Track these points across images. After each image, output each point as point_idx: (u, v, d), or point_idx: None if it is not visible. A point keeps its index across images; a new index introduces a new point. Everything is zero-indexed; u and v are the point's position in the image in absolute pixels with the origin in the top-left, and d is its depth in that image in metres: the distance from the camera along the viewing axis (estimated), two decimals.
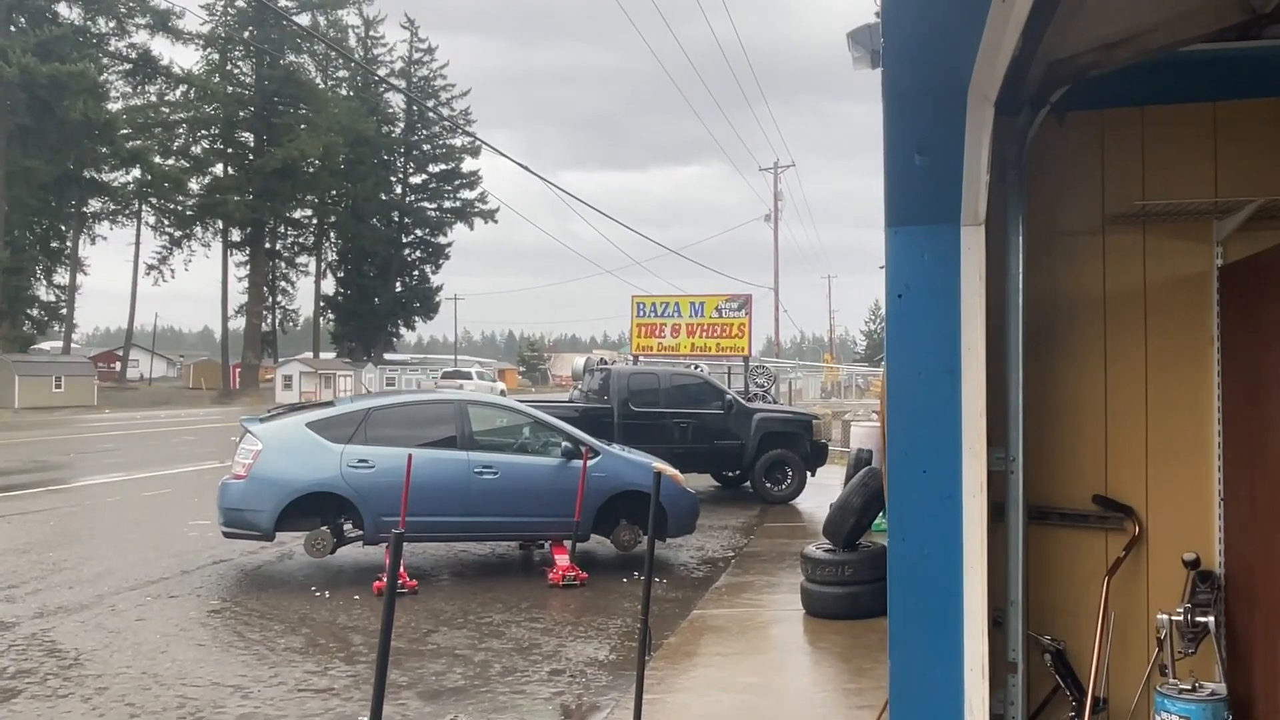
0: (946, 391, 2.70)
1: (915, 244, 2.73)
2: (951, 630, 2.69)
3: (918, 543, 2.72)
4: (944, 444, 2.70)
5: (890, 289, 2.77)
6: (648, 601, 4.41)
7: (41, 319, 53.59)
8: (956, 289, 2.70)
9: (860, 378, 63.96)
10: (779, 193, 53.05)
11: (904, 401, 2.75)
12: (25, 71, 41.58)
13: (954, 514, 2.69)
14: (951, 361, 2.70)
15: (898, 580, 2.75)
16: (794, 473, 14.97)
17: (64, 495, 14.63)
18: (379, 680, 2.92)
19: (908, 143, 2.52)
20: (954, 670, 2.69)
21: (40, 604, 7.91)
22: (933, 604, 2.71)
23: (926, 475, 2.72)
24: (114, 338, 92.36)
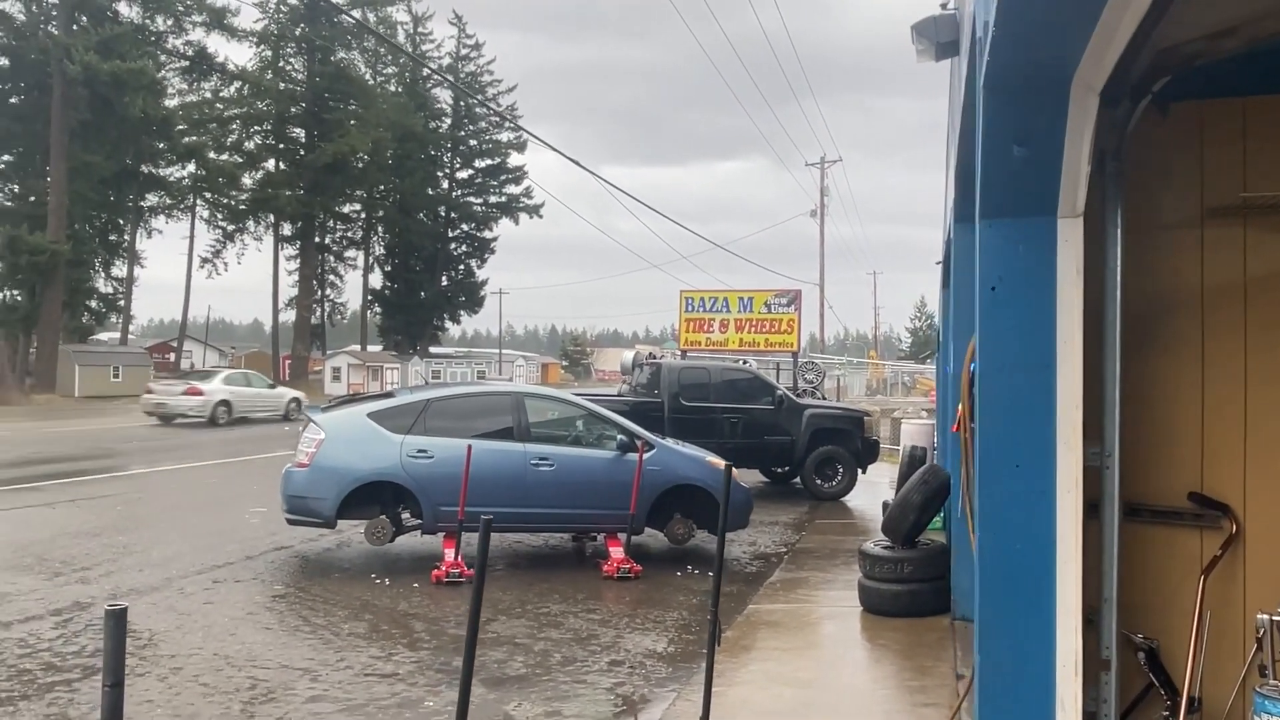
0: (1040, 385, 2.68)
1: (1010, 236, 2.70)
2: (1043, 627, 2.67)
3: (1009, 538, 2.70)
4: (1037, 438, 2.68)
5: (983, 281, 2.75)
6: (718, 594, 4.43)
7: (100, 310, 54.95)
8: (1052, 282, 2.67)
9: (906, 375, 63.30)
10: (825, 188, 52.64)
11: (996, 395, 2.73)
12: (87, 69, 42.61)
13: (1047, 509, 2.67)
14: (1046, 355, 2.67)
15: (987, 576, 2.73)
16: (845, 470, 14.88)
17: (128, 481, 15.03)
18: (467, 663, 2.98)
19: (1006, 134, 2.50)
20: (1045, 667, 2.67)
21: (113, 586, 8.15)
22: (1024, 600, 2.68)
23: (1019, 470, 2.69)
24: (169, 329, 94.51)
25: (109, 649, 1.73)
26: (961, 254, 7.15)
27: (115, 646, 1.72)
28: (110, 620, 1.72)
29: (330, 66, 59.06)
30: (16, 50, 46.63)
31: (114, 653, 1.72)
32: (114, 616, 1.72)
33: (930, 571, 7.48)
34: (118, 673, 1.71)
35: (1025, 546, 2.67)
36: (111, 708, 1.69)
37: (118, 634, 1.72)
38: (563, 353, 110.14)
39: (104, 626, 1.77)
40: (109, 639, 1.73)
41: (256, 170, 60.07)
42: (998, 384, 2.73)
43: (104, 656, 1.75)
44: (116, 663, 1.72)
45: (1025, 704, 2.70)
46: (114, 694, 1.70)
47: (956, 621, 7.16)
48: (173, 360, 69.39)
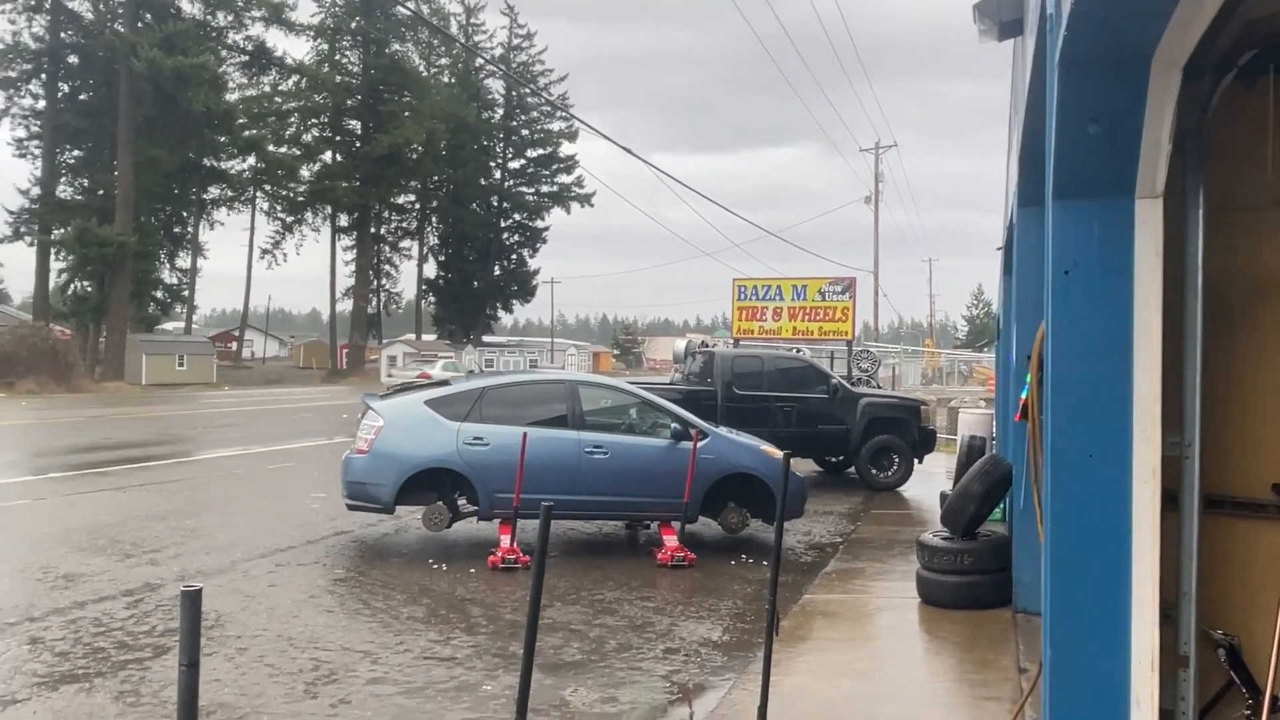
0: (1116, 372, 2.59)
1: (1084, 218, 2.61)
2: (1117, 622, 2.59)
3: (1081, 531, 2.62)
4: (1113, 427, 2.59)
5: (1055, 265, 2.66)
6: (775, 583, 4.39)
7: (165, 301, 56.53)
8: (1129, 265, 2.58)
9: (963, 364, 62.29)
10: (880, 173, 51.88)
11: (1069, 382, 2.64)
12: (152, 65, 43.69)
13: (1122, 501, 2.58)
14: (1122, 341, 2.58)
15: (1059, 569, 2.66)
16: (901, 459, 14.68)
17: (195, 466, 15.45)
18: (528, 649, 2.99)
19: (1081, 112, 2.41)
20: (1120, 663, 2.59)
21: (181, 568, 8.37)
22: (1097, 595, 2.60)
23: (1093, 460, 2.61)
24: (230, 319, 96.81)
25: (185, 629, 1.76)
26: (1024, 239, 6.99)
27: (191, 627, 1.75)
28: (186, 601, 1.75)
29: (385, 59, 59.81)
30: (85, 48, 48.06)
31: (190, 633, 1.75)
32: (189, 598, 1.75)
33: (991, 563, 7.34)
34: (193, 653, 1.74)
35: (1099, 539, 2.59)
36: (188, 688, 1.72)
37: (193, 615, 1.75)
38: (614, 341, 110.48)
39: (180, 607, 1.80)
40: (185, 619, 1.76)
41: (314, 162, 61.19)
42: (1071, 371, 2.64)
43: (180, 637, 1.78)
44: (192, 643, 1.75)
45: (1098, 701, 2.62)
46: (190, 674, 1.73)
47: (1019, 614, 7.02)
48: (234, 349, 71.17)
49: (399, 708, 5.30)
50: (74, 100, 50.02)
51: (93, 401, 32.73)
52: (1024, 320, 6.98)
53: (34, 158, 50.12)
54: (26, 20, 47.39)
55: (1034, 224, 6.97)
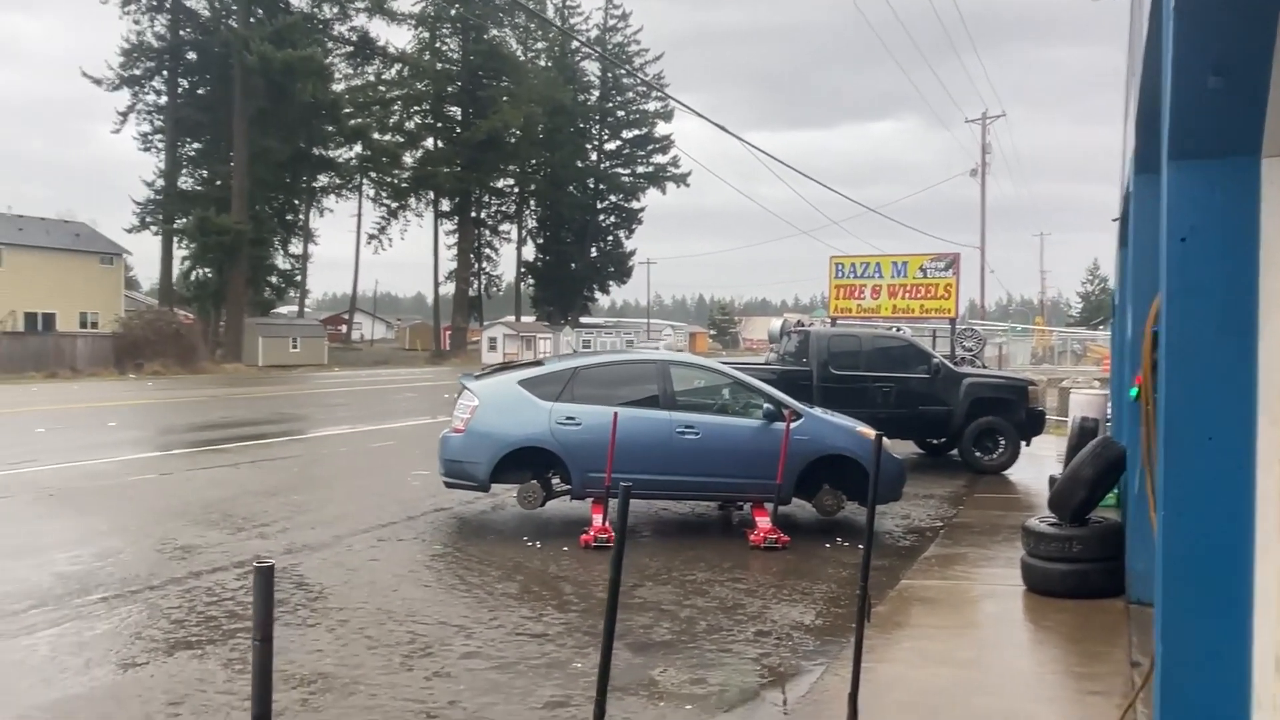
0: (1240, 348, 2.37)
1: (1204, 180, 2.39)
2: (1238, 620, 2.39)
3: (1199, 519, 2.42)
4: (1234, 409, 2.37)
5: (1171, 232, 2.45)
6: (867, 566, 4.25)
7: (280, 286, 59.03)
8: (1255, 230, 2.35)
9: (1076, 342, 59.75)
10: (986, 145, 49.95)
11: (1186, 359, 2.44)
12: (263, 58, 45.48)
13: (1245, 488, 2.37)
14: (1246, 314, 2.36)
15: (1173, 560, 2.46)
16: (1006, 442, 14.14)
17: (304, 444, 16.08)
18: (608, 629, 2.96)
19: (1200, 64, 2.20)
20: (1239, 663, 2.39)
21: (289, 541, 8.71)
22: (1215, 590, 2.40)
23: (1213, 443, 2.40)
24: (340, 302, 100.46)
25: (258, 605, 1.78)
26: (1142, 208, 6.57)
27: (264, 603, 1.76)
28: (259, 578, 1.76)
29: (483, 45, 60.75)
30: (202, 44, 50.34)
31: (263, 608, 1.77)
32: (262, 574, 1.76)
33: (1102, 551, 6.99)
34: (266, 628, 1.76)
35: (1218, 529, 2.39)
36: (261, 663, 1.74)
37: (266, 591, 1.76)
38: (710, 322, 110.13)
39: (253, 583, 1.82)
40: (258, 596, 1.78)
41: (417, 149, 62.75)
42: (1188, 347, 2.43)
43: (254, 612, 1.80)
44: (265, 618, 1.77)
45: (1215, 703, 2.42)
46: (263, 649, 1.75)
47: (1132, 605, 6.67)
48: (344, 331, 73.81)
49: (490, 682, 5.38)
50: (193, 95, 52.57)
51: (213, 382, 34.45)
52: (1140, 295, 6.57)
53: (157, 151, 52.99)
54: (149, 20, 50.02)
55: (1151, 192, 6.54)
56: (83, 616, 6.37)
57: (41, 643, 5.85)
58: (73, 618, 6.34)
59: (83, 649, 5.75)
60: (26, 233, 48.12)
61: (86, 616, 6.37)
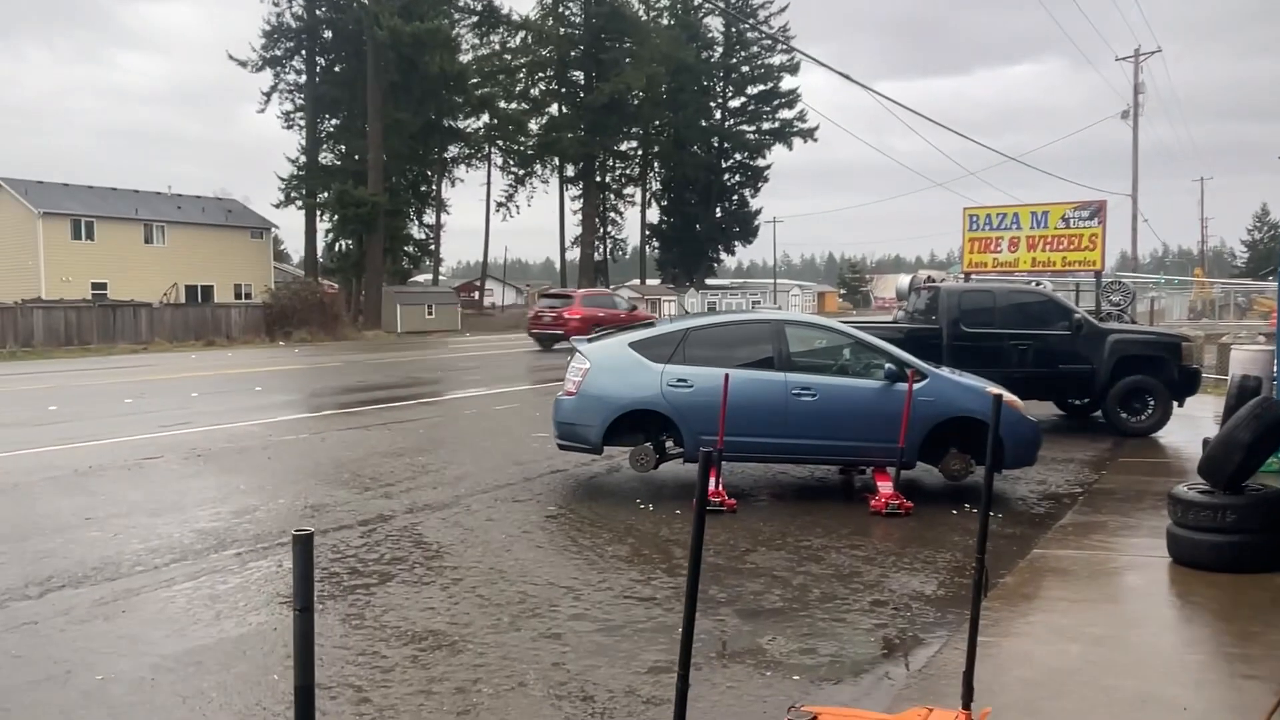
0: None
1: None
2: None
3: None
4: None
5: None
6: (984, 535, 3.95)
7: (415, 255, 61.16)
8: None
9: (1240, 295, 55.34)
10: (1139, 84, 46.36)
11: None
12: (393, 32, 46.73)
13: None
14: None
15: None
16: (1156, 402, 13.17)
17: (432, 407, 16.59)
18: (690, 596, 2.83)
19: None
20: None
21: (411, 501, 8.98)
22: None
23: None
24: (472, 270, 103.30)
25: (298, 575, 1.73)
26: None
27: (304, 572, 1.71)
28: (298, 547, 1.71)
29: (605, 6, 60.55)
30: (337, 22, 52.18)
31: (303, 578, 1.72)
32: (301, 543, 1.71)
33: (1260, 521, 6.38)
34: (306, 598, 1.71)
35: None
36: (303, 635, 1.69)
37: (305, 560, 1.71)
38: (840, 280, 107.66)
39: (292, 552, 1.77)
40: (298, 565, 1.72)
41: (541, 116, 63.39)
42: None
43: (294, 581, 1.75)
44: (305, 587, 1.72)
45: None
46: (304, 619, 1.70)
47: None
48: (477, 298, 75.96)
49: (596, 645, 5.36)
50: (330, 72, 54.65)
51: (353, 348, 36.09)
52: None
53: (299, 129, 55.52)
54: (288, 1, 52.12)
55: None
56: (218, 570, 6.73)
57: (179, 595, 6.21)
58: (208, 571, 6.70)
59: (215, 602, 6.07)
60: (184, 210, 51.46)
61: (221, 571, 6.72)
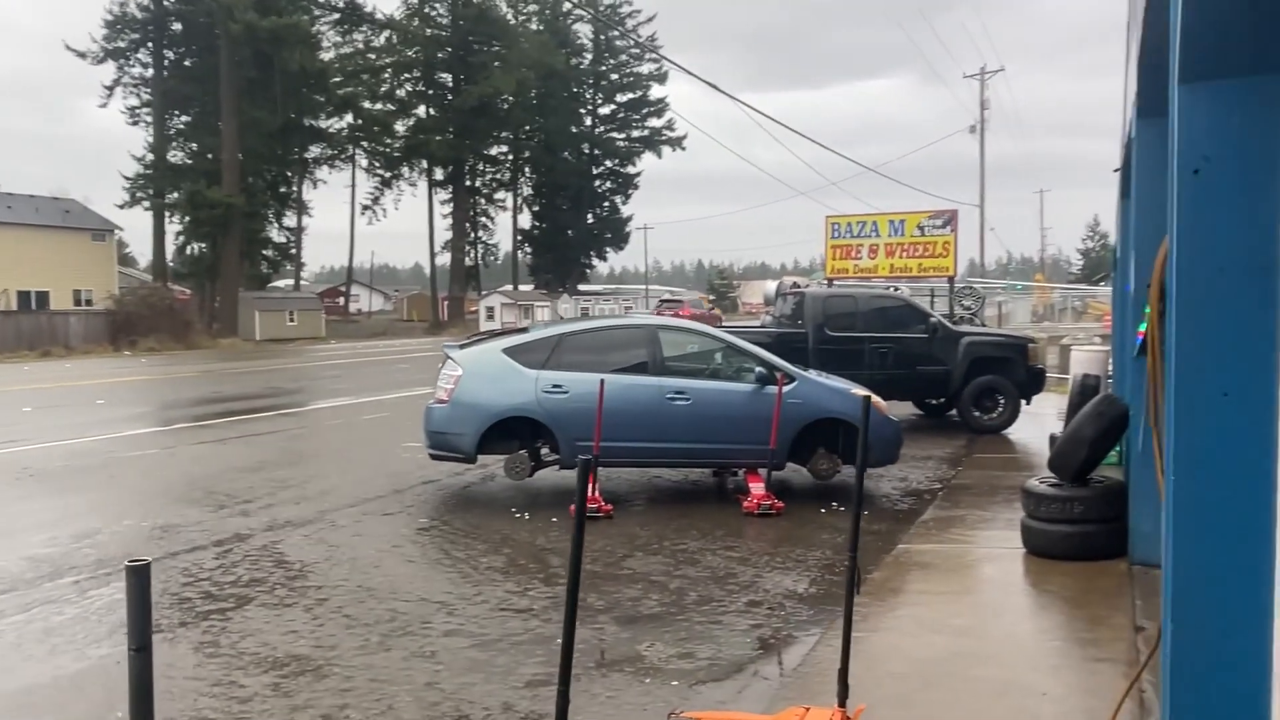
0: (1258, 293, 2.12)
1: (1220, 103, 2.12)
2: (1258, 587, 2.16)
3: (1212, 482, 2.18)
4: (1252, 359, 2.13)
5: (1183, 163, 2.19)
6: (856, 534, 4.02)
7: (275, 259, 58.63)
8: (1275, 160, 2.09)
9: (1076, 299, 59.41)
10: (985, 100, 49.22)
11: (1198, 306, 2.18)
12: (248, 27, 44.74)
13: (1264, 445, 2.13)
14: (1266, 255, 2.10)
15: (1184, 524, 2.23)
16: (1006, 401, 13.91)
17: (295, 418, 15.86)
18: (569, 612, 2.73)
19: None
20: (1259, 635, 2.16)
21: (271, 518, 8.51)
22: (1233, 554, 2.17)
23: (1228, 399, 2.16)
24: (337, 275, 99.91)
25: (133, 609, 1.54)
26: (1144, 154, 6.28)
27: (140, 607, 1.53)
28: (133, 579, 1.52)
29: (473, 9, 59.76)
30: (187, 14, 49.52)
31: (139, 614, 1.53)
32: (136, 574, 1.52)
33: (1104, 512, 6.78)
34: (143, 636, 1.52)
35: (1235, 492, 2.15)
36: (139, 676, 1.50)
37: (142, 594, 1.52)
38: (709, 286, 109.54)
39: (126, 584, 1.58)
40: (133, 598, 1.54)
41: (408, 117, 62.00)
42: (1201, 293, 2.18)
43: (129, 618, 1.57)
44: (142, 623, 1.53)
45: (1230, 679, 2.21)
46: (140, 660, 1.51)
47: (1135, 567, 6.47)
48: (341, 304, 73.47)
49: (471, 661, 5.19)
50: (179, 67, 51.81)
51: (207, 357, 34.22)
52: (1144, 245, 6.29)
53: (146, 125, 52.33)
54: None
55: (1155, 136, 6.24)
56: (53, 601, 6.17)
57: (7, 629, 5.66)
58: (42, 602, 6.14)
59: (50, 635, 5.56)
60: (16, 210, 47.60)
61: (57, 601, 6.18)
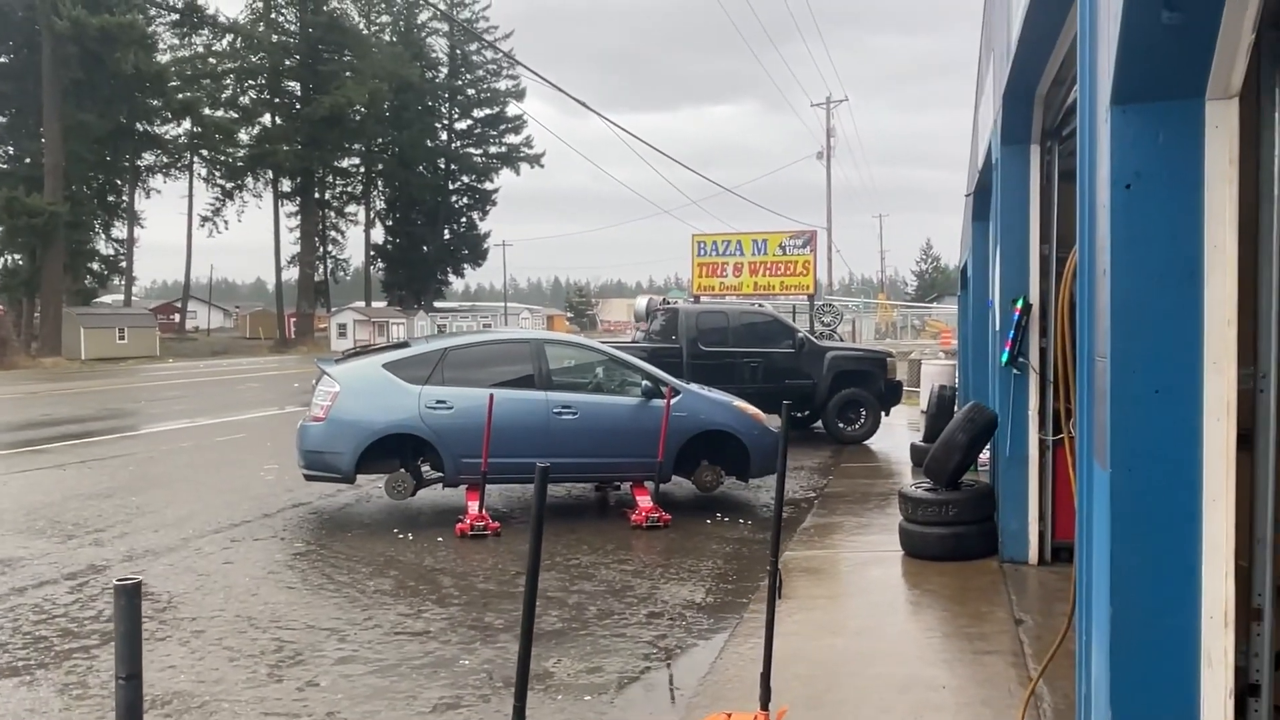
0: (1185, 298, 2.31)
1: (1149, 124, 2.31)
2: (1186, 573, 2.34)
3: (1146, 474, 2.36)
4: (1181, 359, 2.32)
5: (1116, 179, 2.37)
6: (777, 543, 4.11)
7: (102, 273, 54.60)
8: (1199, 176, 2.29)
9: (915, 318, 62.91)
10: (831, 128, 51.68)
11: (1132, 311, 2.36)
12: (76, 24, 41.68)
13: (1192, 440, 2.32)
14: (1192, 262, 2.30)
15: (1122, 518, 2.40)
16: (868, 412, 14.56)
17: (139, 441, 14.79)
18: (526, 629, 2.66)
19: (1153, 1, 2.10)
20: (1189, 618, 2.34)
21: (128, 547, 7.89)
22: (1164, 544, 2.35)
23: (1159, 396, 2.34)
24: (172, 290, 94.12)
25: (122, 633, 1.39)
26: (1009, 178, 6.74)
27: (130, 631, 1.38)
28: (122, 599, 1.38)
29: (323, 16, 57.87)
30: (3, 9, 45.59)
31: (129, 638, 1.38)
32: (125, 594, 1.38)
33: (976, 513, 7.19)
34: (134, 663, 1.38)
35: (1167, 484, 2.33)
36: (127, 705, 1.36)
37: (132, 617, 1.38)
38: (568, 304, 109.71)
39: (115, 607, 1.43)
40: (122, 622, 1.39)
41: (253, 126, 59.25)
42: (1133, 297, 2.36)
43: (116, 643, 1.41)
44: (131, 651, 1.38)
45: (1164, 659, 2.38)
46: (130, 689, 1.36)
47: (1005, 564, 6.89)
48: (177, 321, 69.18)
49: (371, 688, 4.96)
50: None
51: (28, 377, 31.49)
52: (1010, 262, 6.75)
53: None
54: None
55: (1018, 161, 6.73)
56: None
57: None
58: None
59: None
60: None
61: None
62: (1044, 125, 6.38)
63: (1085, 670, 2.88)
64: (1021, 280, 6.55)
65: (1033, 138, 6.48)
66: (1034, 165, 6.59)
